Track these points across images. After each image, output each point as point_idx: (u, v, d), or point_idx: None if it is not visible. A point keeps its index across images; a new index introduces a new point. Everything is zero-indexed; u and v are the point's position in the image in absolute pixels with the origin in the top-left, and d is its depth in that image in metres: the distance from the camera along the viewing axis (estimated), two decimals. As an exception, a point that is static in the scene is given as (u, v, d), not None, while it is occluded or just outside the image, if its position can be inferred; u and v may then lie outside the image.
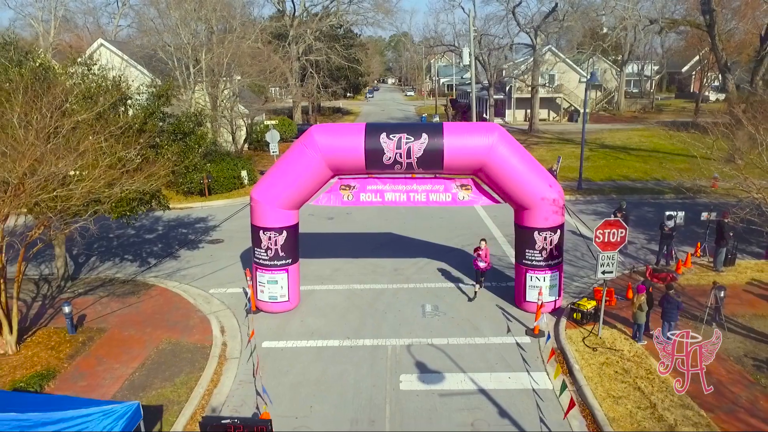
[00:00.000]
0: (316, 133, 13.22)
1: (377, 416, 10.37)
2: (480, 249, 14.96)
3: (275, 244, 13.91)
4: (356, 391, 11.18)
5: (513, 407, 10.48)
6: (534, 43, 50.73)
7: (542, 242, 13.61)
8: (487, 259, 14.98)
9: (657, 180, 29.17)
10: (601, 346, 12.45)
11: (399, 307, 14.90)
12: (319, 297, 15.70)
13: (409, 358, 12.31)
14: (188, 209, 26.47)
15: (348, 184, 14.06)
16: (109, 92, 14.47)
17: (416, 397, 10.91)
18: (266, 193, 13.68)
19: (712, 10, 31.68)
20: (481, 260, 14.80)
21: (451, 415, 10.30)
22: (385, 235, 21.36)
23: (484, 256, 14.83)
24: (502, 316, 14.28)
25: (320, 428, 9.96)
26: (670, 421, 9.80)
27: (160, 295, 16.14)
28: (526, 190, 13.20)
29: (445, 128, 13.18)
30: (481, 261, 14.82)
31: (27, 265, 12.71)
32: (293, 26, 52.47)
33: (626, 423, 9.82)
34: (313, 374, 11.80)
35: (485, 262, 14.86)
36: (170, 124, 15.46)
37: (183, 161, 13.83)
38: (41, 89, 12.45)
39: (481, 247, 14.98)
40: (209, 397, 11.03)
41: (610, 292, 14.56)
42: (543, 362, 12.04)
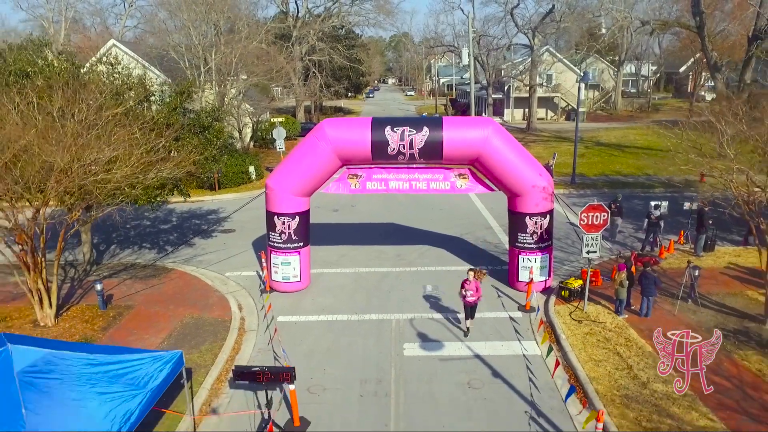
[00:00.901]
0: (327, 126, 14.47)
1: (383, 377, 11.61)
2: (468, 281, 12.76)
3: (288, 229, 15.17)
4: (364, 357, 12.42)
5: (505, 369, 11.73)
6: (532, 43, 51.99)
7: (533, 226, 14.86)
8: (479, 293, 12.82)
9: (648, 175, 30.42)
10: (586, 320, 13.71)
11: (402, 288, 16.16)
12: (328, 279, 16.94)
13: (411, 330, 13.57)
14: (199, 202, 27.70)
15: (355, 174, 15.31)
16: (135, 89, 15.74)
17: (418, 362, 12.16)
18: (280, 182, 14.93)
19: (702, 12, 32.94)
20: (470, 294, 12.71)
21: (449, 376, 11.54)
22: (388, 225, 22.60)
23: (474, 290, 12.71)
24: (497, 294, 15.54)
25: (333, 397, 11.15)
26: (644, 379, 11.06)
27: (180, 278, 17.39)
28: (518, 178, 14.45)
29: (445, 122, 14.43)
30: (470, 295, 12.71)
31: (64, 245, 13.90)
32: (296, 27, 53.74)
33: (605, 381, 11.08)
34: (324, 344, 13.04)
35: (475, 296, 12.77)
36: (190, 119, 16.71)
37: (203, 153, 15.05)
38: (77, 85, 13.72)
39: (469, 279, 12.78)
40: (232, 362, 12.28)
41: (596, 273, 15.81)
42: (533, 333, 13.30)
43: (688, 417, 9.94)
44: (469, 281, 12.76)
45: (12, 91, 13.31)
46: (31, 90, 13.11)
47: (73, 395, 7.13)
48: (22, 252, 13.03)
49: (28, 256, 12.78)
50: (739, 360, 11.72)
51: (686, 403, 10.32)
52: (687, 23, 38.49)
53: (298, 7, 56.48)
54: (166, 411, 9.78)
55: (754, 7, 29.69)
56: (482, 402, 10.68)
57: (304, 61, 55.61)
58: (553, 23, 51.70)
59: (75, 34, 54.77)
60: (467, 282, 12.78)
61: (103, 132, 12.07)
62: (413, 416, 10.30)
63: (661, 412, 10.09)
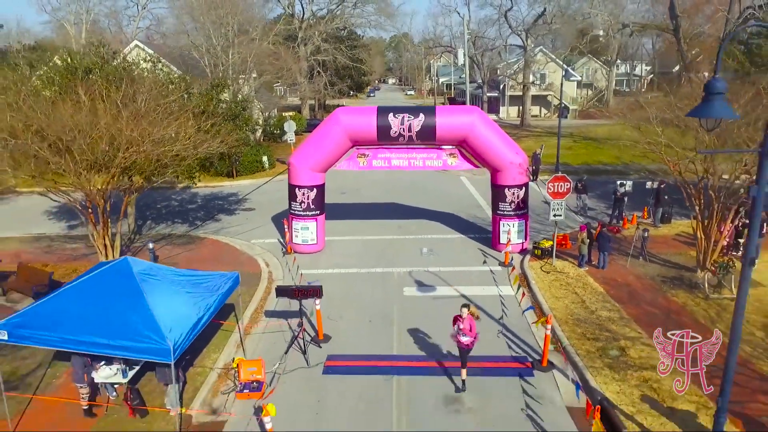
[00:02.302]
0: (340, 113, 17.46)
1: (388, 314, 14.55)
2: (461, 318, 10.69)
3: (308, 199, 18.15)
4: (372, 300, 15.38)
5: (484, 304, 14.71)
6: (525, 44, 55.00)
7: (511, 196, 17.84)
8: (473, 333, 10.67)
9: (625, 164, 33.38)
10: (553, 271, 16.70)
11: (403, 250, 19.14)
12: (340, 244, 19.91)
13: (410, 279, 16.56)
14: (219, 187, 30.68)
15: (363, 153, 18.27)
16: (177, 83, 18.73)
17: (415, 300, 15.15)
18: (301, 159, 17.91)
19: (677, 16, 35.95)
20: (464, 334, 10.61)
21: (439, 308, 14.50)
22: (390, 204, 25.59)
23: (468, 329, 10.62)
24: (481, 254, 18.53)
25: (348, 323, 14.08)
26: (592, 309, 14.05)
27: (212, 245, 20.37)
28: (499, 156, 17.42)
29: (437, 109, 17.42)
30: (463, 335, 10.62)
31: (125, 209, 16.87)
32: (302, 29, 56.75)
33: (562, 310, 14.07)
34: (340, 289, 16.00)
35: (470, 336, 10.64)
36: (222, 108, 19.70)
37: (236, 135, 18.05)
38: (129, 80, 16.71)
39: (462, 316, 10.68)
40: (265, 301, 15.28)
41: (566, 237, 18.78)
42: (509, 280, 16.28)
43: (621, 331, 12.92)
44: (462, 318, 10.69)
45: (82, 85, 16.28)
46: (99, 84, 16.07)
47: (171, 290, 10.04)
48: (91, 215, 16.02)
49: (99, 217, 15.76)
50: (671, 296, 14.71)
51: (623, 323, 13.31)
52: (665, 25, 41.49)
53: (304, 9, 59.51)
54: (224, 323, 12.78)
55: (723, 12, 32.67)
56: (465, 325, 13.64)
57: (309, 60, 58.59)
58: (545, 25, 54.74)
59: (93, 35, 57.84)
60: (460, 319, 10.72)
61: (164, 116, 15.05)
62: (410, 335, 13.27)
63: (602, 328, 13.08)
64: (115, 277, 9.88)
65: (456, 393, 10.89)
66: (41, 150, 13.06)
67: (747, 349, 12.01)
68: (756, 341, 12.42)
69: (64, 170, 14.08)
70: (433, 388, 11.06)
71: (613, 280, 15.93)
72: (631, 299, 14.61)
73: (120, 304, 9.27)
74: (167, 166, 15.68)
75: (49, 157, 13.33)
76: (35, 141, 13.43)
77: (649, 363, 11.50)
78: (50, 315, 9.22)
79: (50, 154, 13.28)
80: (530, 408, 10.42)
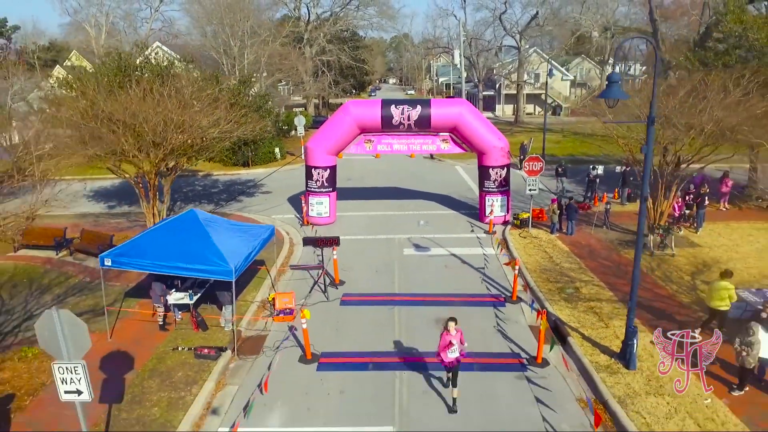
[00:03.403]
0: (351, 105, 20.66)
1: (390, 267, 17.73)
2: (448, 332, 9.68)
3: (322, 177, 21.33)
4: (378, 256, 18.57)
5: (470, 260, 17.90)
6: (518, 45, 58.25)
7: (495, 176, 21.02)
8: (463, 345, 9.89)
9: (607, 155, 36.51)
10: (529, 237, 19.90)
11: (403, 223, 22.33)
12: (349, 219, 23.09)
13: (409, 243, 19.75)
14: (236, 175, 33.89)
15: (369, 139, 21.44)
16: (210, 81, 21.95)
17: (413, 257, 18.34)
18: (317, 144, 21.10)
19: (655, 20, 39.13)
20: (452, 350, 9.64)
21: (433, 263, 17.70)
22: (392, 188, 28.79)
23: (459, 343, 9.73)
24: (470, 225, 21.76)
25: (358, 273, 17.25)
26: (557, 262, 17.27)
27: (238, 219, 23.52)
28: (483, 141, 20.61)
29: (432, 102, 20.62)
30: (451, 351, 9.64)
31: (169, 187, 20.06)
32: (308, 30, 59.98)
33: (533, 263, 17.30)
34: (351, 250, 19.15)
35: (459, 350, 9.75)
36: (248, 100, 22.91)
37: (262, 123, 21.27)
38: (173, 76, 19.91)
39: (449, 330, 9.67)
40: (289, 257, 18.48)
41: (542, 211, 21.98)
42: (492, 244, 19.47)
43: (578, 276, 16.13)
44: (449, 332, 9.69)
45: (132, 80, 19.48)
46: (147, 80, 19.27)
47: (227, 233, 13.19)
48: (141, 189, 19.21)
49: (149, 192, 18.96)
50: (623, 254, 17.93)
51: (580, 272, 16.51)
52: (643, 29, 44.67)
53: (309, 12, 62.73)
54: (261, 268, 16.03)
55: (695, 16, 35.83)
56: (453, 274, 16.86)
57: (315, 61, 61.81)
58: (538, 27, 58.01)
59: (110, 37, 61.03)
60: (448, 333, 9.68)
61: (203, 105, 18.27)
62: (408, 280, 16.46)
63: (563, 275, 16.28)
64: (185, 223, 13.08)
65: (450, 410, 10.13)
66: (114, 130, 16.25)
67: (674, 287, 15.23)
68: (684, 282, 15.62)
69: (126, 150, 17.28)
70: (424, 314, 14.24)
71: (577, 242, 19.14)
72: (590, 255, 17.81)
73: (192, 240, 12.45)
74: (208, 147, 18.87)
75: (116, 137, 16.50)
76: (105, 124, 16.63)
77: (596, 297, 14.70)
78: (141, 247, 12.41)
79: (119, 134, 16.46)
80: (500, 326, 13.61)
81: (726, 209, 22.94)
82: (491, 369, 11.62)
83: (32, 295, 15.74)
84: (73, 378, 7.79)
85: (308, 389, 11.03)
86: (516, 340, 12.89)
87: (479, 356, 11.92)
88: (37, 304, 15.06)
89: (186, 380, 11.26)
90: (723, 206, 23.02)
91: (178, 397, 10.71)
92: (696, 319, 13.19)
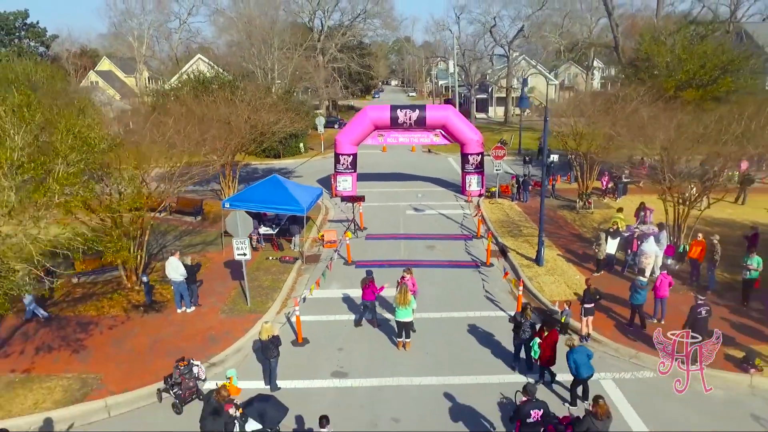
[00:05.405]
0: (368, 109, 28.67)
1: (397, 222, 25.63)
2: (404, 279, 12.42)
3: (347, 161, 29.29)
4: (388, 216, 26.47)
5: (451, 215, 25.85)
6: (507, 54, 66.16)
7: (472, 160, 28.96)
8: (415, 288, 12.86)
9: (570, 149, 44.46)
10: (496, 203, 27.86)
11: (405, 195, 30.29)
12: (366, 193, 30.99)
13: (410, 207, 27.72)
14: (270, 164, 41.84)
15: (381, 133, 29.36)
16: (266, 91, 29.96)
17: (412, 216, 26.29)
18: (344, 136, 29.09)
19: (616, 36, 47.06)
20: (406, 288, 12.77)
21: (427, 218, 25.64)
22: (396, 174, 36.75)
23: (411, 285, 12.46)
24: (454, 197, 29.74)
25: (375, 225, 25.11)
26: (512, 218, 25.20)
27: (282, 194, 31.51)
28: (464, 135, 28.54)
29: (427, 107, 28.64)
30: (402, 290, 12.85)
31: (237, 172, 28.02)
32: (321, 40, 67.98)
33: (496, 218, 25.31)
34: (369, 213, 27.03)
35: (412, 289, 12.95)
36: (291, 103, 30.85)
37: (304, 120, 29.22)
38: (237, 86, 27.85)
39: (405, 277, 12.40)
40: (327, 216, 26.46)
41: (507, 186, 29.90)
42: (469, 208, 27.40)
43: (524, 225, 24.05)
44: (404, 279, 12.22)
45: (213, 91, 27.43)
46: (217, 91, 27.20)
47: (297, 189, 21.18)
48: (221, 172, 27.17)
49: (226, 174, 26.95)
50: (559, 213, 25.85)
51: (527, 224, 24.42)
52: (606, 43, 52.60)
53: (323, 24, 70.74)
54: (312, 217, 24.03)
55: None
56: (440, 224, 24.77)
57: (327, 68, 69.82)
58: (524, 38, 65.95)
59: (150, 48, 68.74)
60: (404, 279, 12.14)
61: (266, 108, 26.24)
62: (409, 227, 24.38)
63: (514, 226, 24.20)
64: (271, 182, 21.03)
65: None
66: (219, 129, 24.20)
67: (584, 229, 23.17)
68: (590, 226, 23.53)
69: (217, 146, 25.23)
70: (421, 244, 22.15)
71: (529, 207, 27.05)
72: (535, 214, 25.63)
73: (277, 192, 20.35)
74: (267, 139, 26.83)
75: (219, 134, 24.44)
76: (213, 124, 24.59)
77: (531, 234, 22.60)
78: (246, 196, 20.36)
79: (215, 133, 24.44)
80: (468, 249, 21.51)
81: (641, 187, 30.84)
82: (460, 267, 19.57)
83: (161, 234, 23.68)
84: (242, 246, 15.66)
85: (350, 276, 18.97)
86: (476, 255, 20.83)
87: (455, 261, 19.88)
88: (164, 241, 22.99)
89: (279, 271, 19.21)
90: (641, 184, 30.90)
91: (277, 278, 18.65)
92: (591, 240, 21.13)
